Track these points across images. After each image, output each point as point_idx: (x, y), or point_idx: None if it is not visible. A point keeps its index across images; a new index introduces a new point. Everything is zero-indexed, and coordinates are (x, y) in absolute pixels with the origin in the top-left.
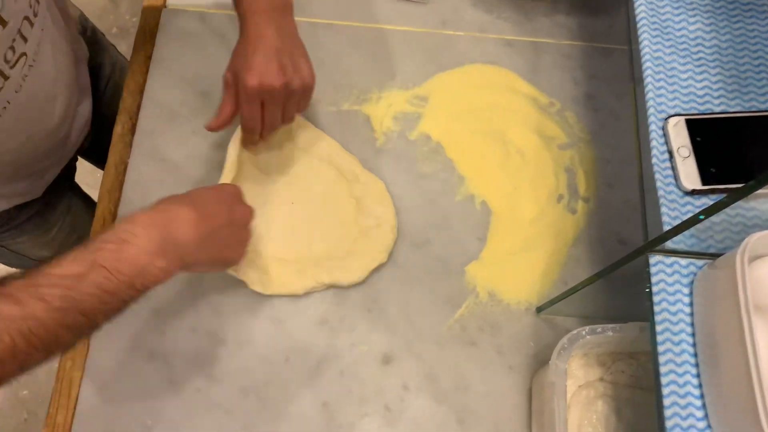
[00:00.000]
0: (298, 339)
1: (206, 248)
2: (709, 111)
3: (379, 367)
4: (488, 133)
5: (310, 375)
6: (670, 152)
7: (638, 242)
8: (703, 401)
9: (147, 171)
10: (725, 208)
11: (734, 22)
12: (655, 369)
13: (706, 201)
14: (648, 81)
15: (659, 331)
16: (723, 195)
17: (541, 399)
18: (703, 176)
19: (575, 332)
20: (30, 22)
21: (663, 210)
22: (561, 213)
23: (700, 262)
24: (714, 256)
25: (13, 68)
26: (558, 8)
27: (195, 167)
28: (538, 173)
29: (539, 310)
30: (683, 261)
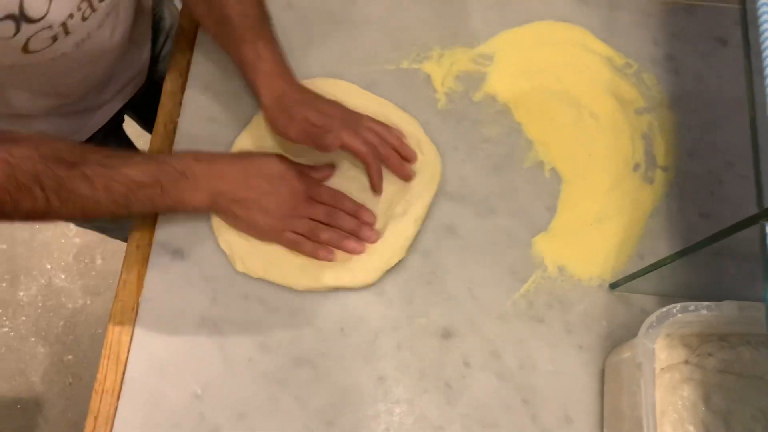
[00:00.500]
0: (353, 309)
1: (238, 215)
2: None
3: (439, 342)
4: (559, 95)
5: (366, 347)
6: None
7: (722, 216)
8: None
9: (196, 131)
10: None
11: None
12: None
13: None
14: None
15: None
16: None
17: (619, 381)
18: None
19: (665, 309)
20: None
21: None
22: (637, 183)
23: None
24: None
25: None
26: None
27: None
28: (614, 139)
29: (613, 287)
30: None
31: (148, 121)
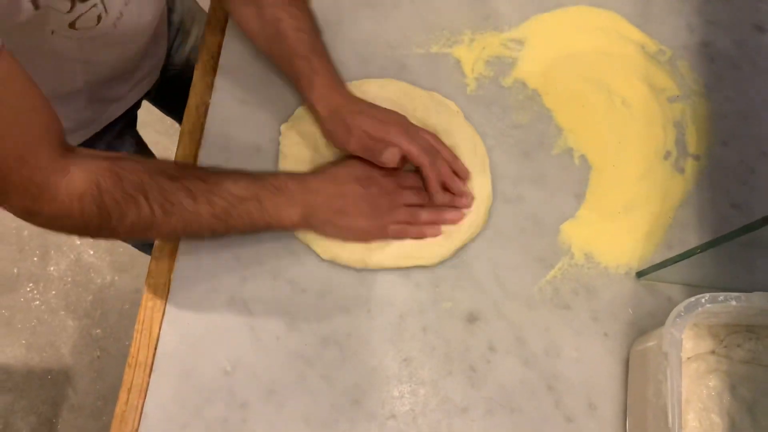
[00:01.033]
0: (380, 291)
1: (339, 224)
2: None
3: (464, 326)
4: (590, 82)
5: (392, 329)
6: None
7: (753, 207)
8: None
9: (227, 113)
10: None
11: None
12: None
13: None
14: None
15: None
16: None
17: (644, 370)
18: None
19: (693, 299)
20: None
21: None
22: (668, 171)
23: None
24: None
25: None
26: None
27: (278, 109)
28: (645, 127)
29: (640, 275)
30: None
31: (168, 107)
